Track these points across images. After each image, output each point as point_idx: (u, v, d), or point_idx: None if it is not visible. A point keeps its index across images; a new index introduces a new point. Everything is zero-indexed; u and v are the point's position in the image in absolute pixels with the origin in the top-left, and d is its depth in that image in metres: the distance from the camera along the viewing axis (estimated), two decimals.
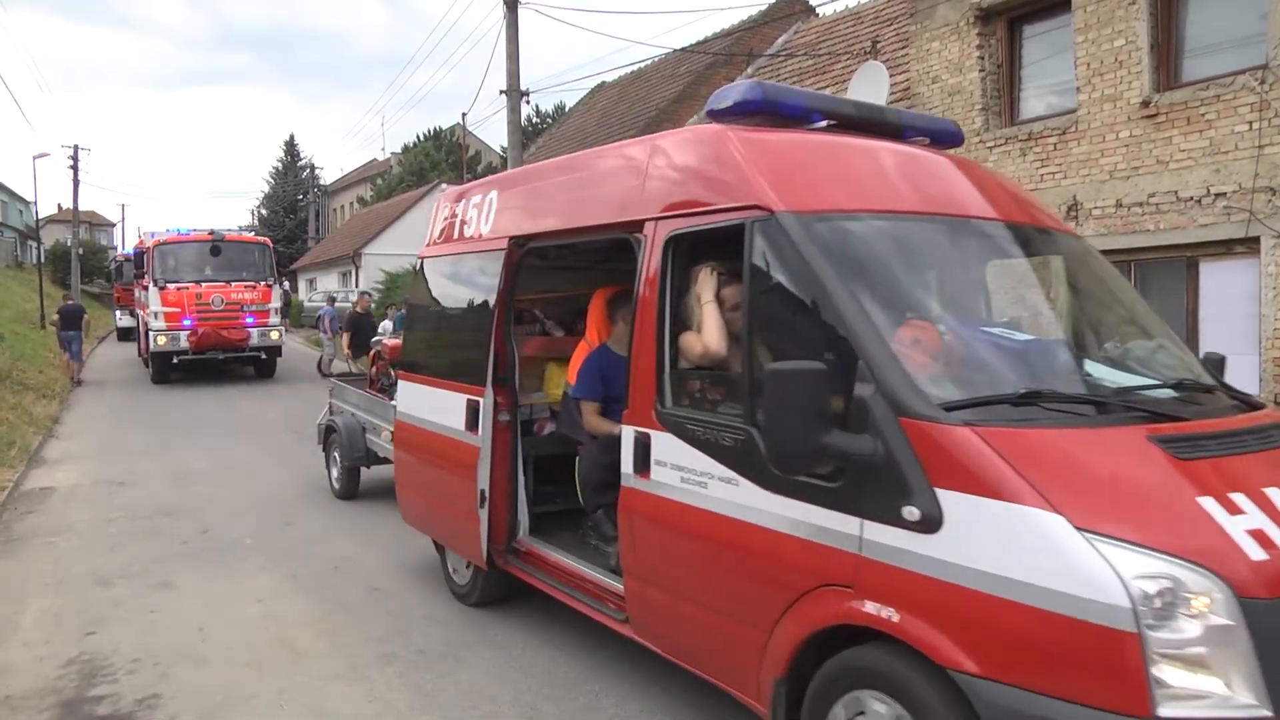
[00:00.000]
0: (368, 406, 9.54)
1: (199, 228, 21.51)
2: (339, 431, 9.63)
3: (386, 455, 8.71)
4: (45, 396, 16.79)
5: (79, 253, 46.24)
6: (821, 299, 3.41)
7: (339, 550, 7.67)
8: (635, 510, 4.30)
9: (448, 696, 4.88)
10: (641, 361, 4.26)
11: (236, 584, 6.83)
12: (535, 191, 5.45)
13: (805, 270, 3.48)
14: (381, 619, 6.06)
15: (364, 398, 9.77)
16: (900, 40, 13.96)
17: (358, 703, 4.83)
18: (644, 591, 4.32)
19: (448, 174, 45.97)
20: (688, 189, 4.17)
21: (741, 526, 3.66)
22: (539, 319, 6.85)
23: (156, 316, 19.92)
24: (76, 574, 7.11)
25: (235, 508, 9.25)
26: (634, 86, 24.33)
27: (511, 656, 5.40)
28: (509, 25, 17.00)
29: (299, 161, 64.47)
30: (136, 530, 8.40)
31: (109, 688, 5.06)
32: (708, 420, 3.89)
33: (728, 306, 4.10)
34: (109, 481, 10.59)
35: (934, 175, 4.37)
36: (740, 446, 3.65)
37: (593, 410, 5.44)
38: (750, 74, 19.24)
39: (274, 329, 21.07)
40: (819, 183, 3.94)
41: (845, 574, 3.26)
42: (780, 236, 3.59)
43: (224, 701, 4.86)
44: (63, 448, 13.00)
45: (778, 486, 3.49)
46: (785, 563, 3.48)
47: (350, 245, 41.77)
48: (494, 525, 5.56)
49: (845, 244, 3.67)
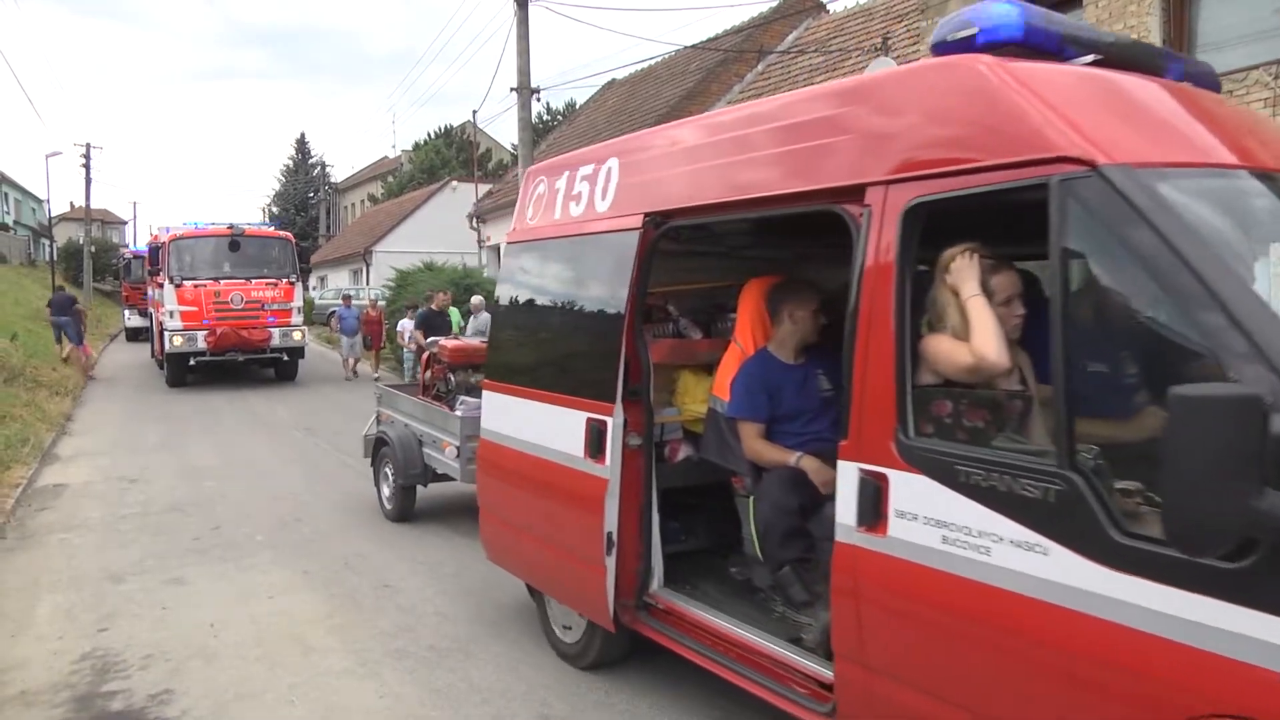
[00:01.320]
0: (426, 417, 8.45)
1: (217, 222, 20.44)
2: (391, 445, 8.52)
3: (448, 472, 7.95)
4: (58, 394, 16.86)
5: (91, 250, 46.44)
6: (1188, 287, 2.44)
7: (349, 546, 7.69)
8: (862, 576, 3.26)
9: (458, 693, 4.89)
10: (872, 375, 3.23)
11: (247, 580, 6.85)
12: (681, 155, 4.33)
13: (1157, 245, 2.51)
14: (392, 615, 6.07)
15: (421, 407, 8.64)
16: (912, 36, 13.91)
17: (368, 698, 4.85)
18: (874, 686, 3.28)
19: (458, 171, 46.05)
20: (936, 141, 3.14)
21: (1060, 615, 2.63)
22: (671, 316, 5.55)
23: (172, 316, 18.88)
24: (89, 570, 7.15)
25: (246, 504, 9.27)
26: (644, 83, 24.33)
27: (523, 653, 5.40)
28: (519, 22, 17.02)
29: (310, 159, 64.63)
30: (148, 526, 8.44)
31: (122, 683, 5.09)
32: (988, 460, 2.87)
33: (997, 300, 3.21)
34: (121, 478, 10.63)
35: (1252, 124, 3.46)
36: (1052, 500, 2.65)
37: (756, 433, 4.45)
38: (761, 71, 19.21)
39: (296, 329, 19.92)
40: (1145, 129, 3.00)
41: (1255, 701, 2.25)
42: (1110, 199, 2.62)
43: (235, 697, 4.88)
44: (75, 444, 13.06)
45: (1126, 561, 2.49)
46: (1146, 675, 2.45)
47: (361, 243, 41.83)
48: (622, 575, 4.51)
49: (1205, 209, 2.74)
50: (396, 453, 8.42)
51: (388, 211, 45.45)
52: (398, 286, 21.65)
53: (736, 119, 4.08)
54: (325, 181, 64.33)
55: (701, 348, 5.35)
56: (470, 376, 8.82)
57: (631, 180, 4.59)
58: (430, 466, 8.31)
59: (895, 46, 13.87)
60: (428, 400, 8.91)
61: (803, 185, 3.60)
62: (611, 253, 4.57)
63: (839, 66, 15.72)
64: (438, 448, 8.06)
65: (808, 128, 3.63)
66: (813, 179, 3.55)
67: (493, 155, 51.62)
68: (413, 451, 8.40)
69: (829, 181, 3.48)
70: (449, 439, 7.77)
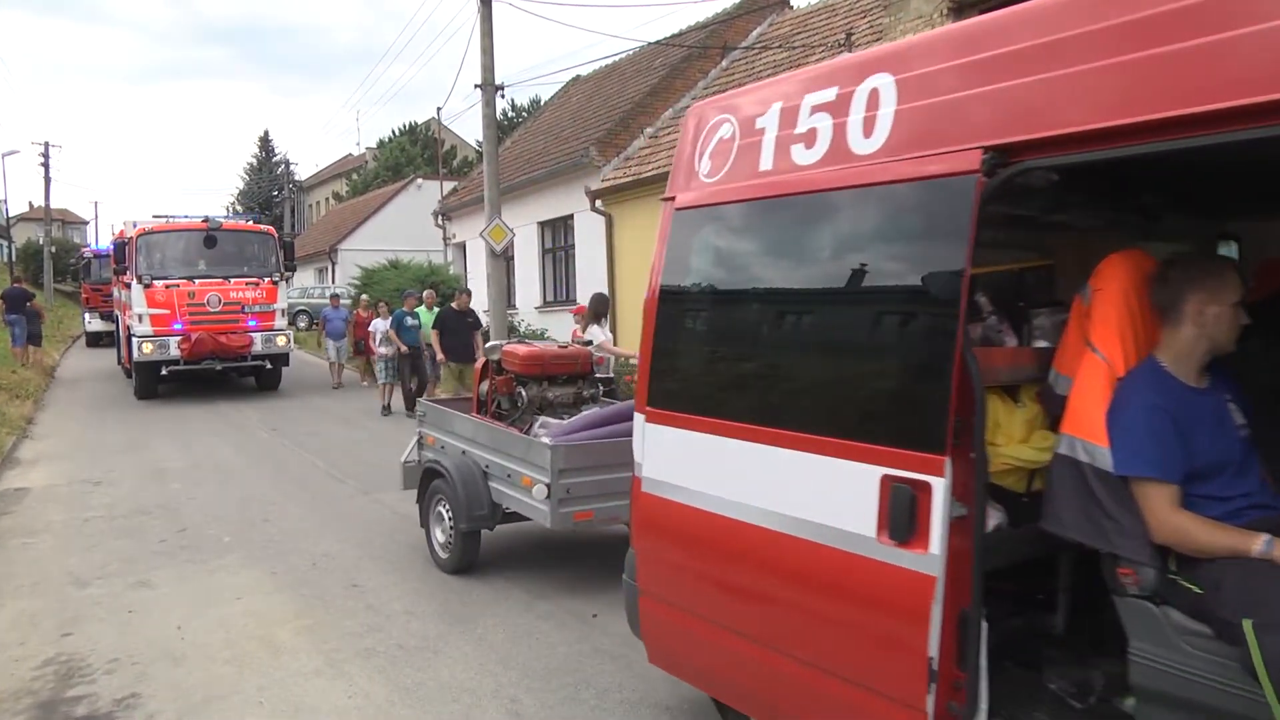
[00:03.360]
0: (494, 443, 6.66)
1: (191, 215, 18.39)
2: (449, 478, 6.74)
3: (530, 514, 6.32)
4: (19, 397, 16.61)
5: (51, 251, 45.80)
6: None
7: (317, 546, 7.66)
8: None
9: (427, 691, 4.89)
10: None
11: (215, 582, 6.81)
12: (1040, 55, 2.66)
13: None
14: (361, 614, 6.06)
15: (487, 430, 6.84)
16: (874, 32, 14.02)
17: (337, 698, 4.84)
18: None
19: (423, 169, 45.82)
20: None
21: None
22: (981, 310, 3.58)
23: (141, 320, 16.90)
24: (53, 574, 7.06)
25: (213, 505, 9.20)
26: (609, 80, 24.32)
27: (491, 649, 5.42)
28: (483, 19, 16.95)
29: (274, 157, 64.06)
30: (113, 529, 8.36)
31: (87, 688, 5.04)
32: None
33: None
34: (85, 481, 10.51)
35: None
36: None
37: (1172, 501, 2.75)
38: (725, 67, 19.28)
39: (280, 334, 18.05)
40: None
41: None
42: None
43: (203, 700, 4.86)
44: (37, 448, 12.89)
45: None
46: None
47: (326, 241, 41.55)
48: (939, 715, 2.94)
49: None
50: (456, 488, 6.65)
51: (353, 209, 45.15)
52: (363, 285, 21.48)
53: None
54: (289, 180, 63.75)
55: (1026, 359, 3.41)
56: (546, 390, 7.29)
57: (929, 102, 2.99)
58: (499, 504, 6.64)
59: (859, 42, 13.97)
60: (491, 421, 7.09)
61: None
62: (914, 213, 3.05)
63: (803, 62, 15.81)
64: (514, 483, 6.35)
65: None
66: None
67: (458, 152, 51.46)
68: (476, 486, 6.67)
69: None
70: (533, 473, 6.10)
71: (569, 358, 7.40)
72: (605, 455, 5.94)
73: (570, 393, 7.33)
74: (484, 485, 6.66)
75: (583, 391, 7.41)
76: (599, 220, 18.15)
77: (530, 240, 21.15)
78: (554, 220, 20.78)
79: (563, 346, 7.47)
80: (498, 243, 17.14)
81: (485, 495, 6.63)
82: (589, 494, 6.00)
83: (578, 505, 5.99)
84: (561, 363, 7.31)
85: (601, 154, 18.64)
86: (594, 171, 18.54)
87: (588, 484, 5.98)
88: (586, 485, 5.99)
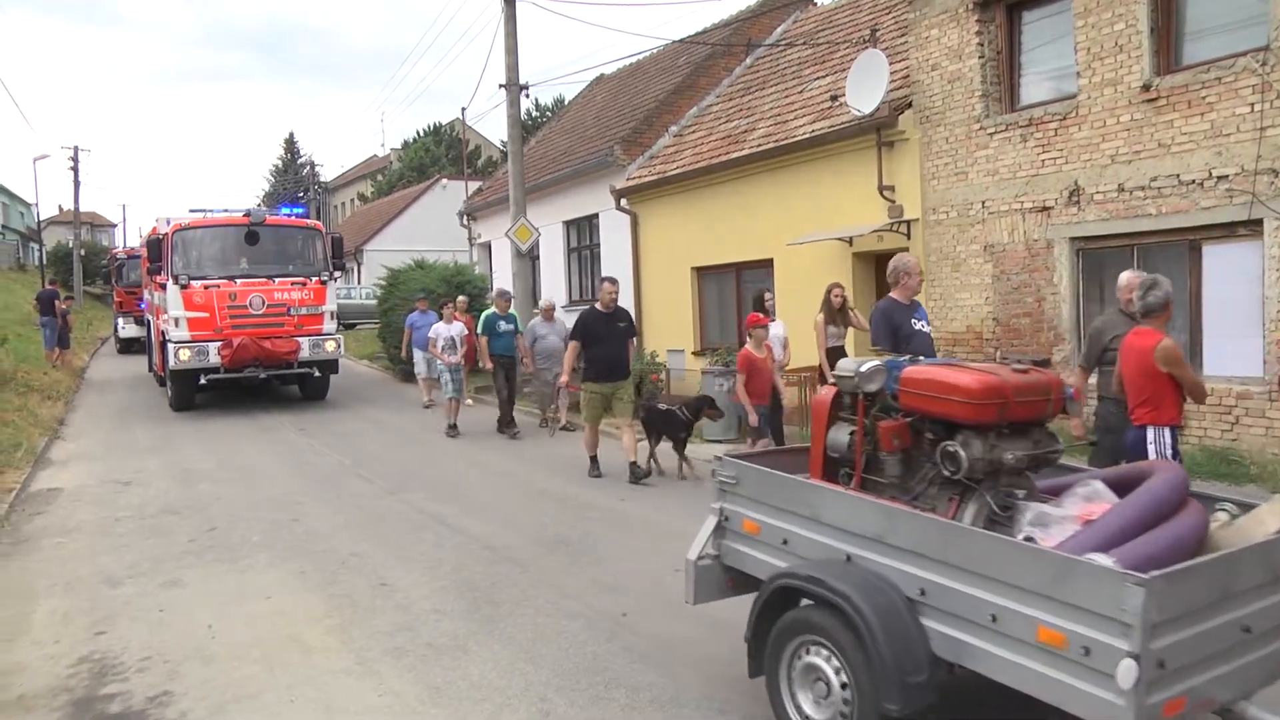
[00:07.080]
0: (954, 553, 3.53)
1: (231, 209, 16.73)
2: (850, 610, 3.64)
3: (1017, 684, 3.31)
4: (50, 398, 16.79)
5: (81, 254, 46.35)
6: None
7: (346, 546, 7.68)
8: None
9: (457, 690, 4.89)
10: None
11: (244, 581, 6.84)
12: None
13: None
14: (390, 613, 6.07)
15: (924, 527, 3.69)
16: (899, 28, 13.92)
17: (367, 697, 4.84)
18: None
19: (448, 169, 46.01)
20: None
21: None
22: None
23: (177, 324, 15.35)
24: (85, 574, 7.12)
25: (241, 505, 9.25)
26: (632, 78, 24.28)
27: (520, 649, 5.40)
28: (507, 19, 16.98)
29: (299, 159, 64.62)
30: (144, 529, 8.42)
31: (120, 685, 5.08)
32: None
33: None
34: (115, 481, 10.61)
35: None
36: None
37: None
38: (749, 64, 19.21)
39: (330, 338, 16.27)
40: None
41: None
42: None
43: (234, 698, 4.88)
44: (69, 449, 13.03)
45: None
46: None
47: (352, 242, 41.70)
48: None
49: None
50: (874, 634, 3.56)
51: (378, 210, 45.42)
52: (389, 285, 21.53)
53: None
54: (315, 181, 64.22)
55: None
56: (1000, 448, 3.97)
57: None
58: (945, 660, 3.60)
59: (884, 38, 13.87)
60: (902, 504, 4.02)
61: None
62: None
63: (827, 59, 15.72)
64: (1006, 635, 3.33)
65: None
66: None
67: (482, 152, 51.62)
68: (905, 629, 3.61)
69: None
70: (1076, 625, 3.09)
71: (1039, 390, 4.11)
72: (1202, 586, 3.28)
73: (1027, 452, 4.08)
74: (916, 626, 3.63)
75: (1042, 448, 4.16)
76: (624, 219, 18.13)
77: (555, 239, 21.16)
78: (579, 219, 20.77)
79: (1020, 367, 4.15)
80: (523, 242, 17.15)
81: (924, 646, 3.60)
82: (1189, 661, 3.14)
83: (1173, 686, 3.08)
84: (1029, 401, 4.05)
85: (626, 152, 18.61)
86: (619, 170, 18.51)
87: (1188, 643, 3.12)
88: (1186, 646, 3.11)
